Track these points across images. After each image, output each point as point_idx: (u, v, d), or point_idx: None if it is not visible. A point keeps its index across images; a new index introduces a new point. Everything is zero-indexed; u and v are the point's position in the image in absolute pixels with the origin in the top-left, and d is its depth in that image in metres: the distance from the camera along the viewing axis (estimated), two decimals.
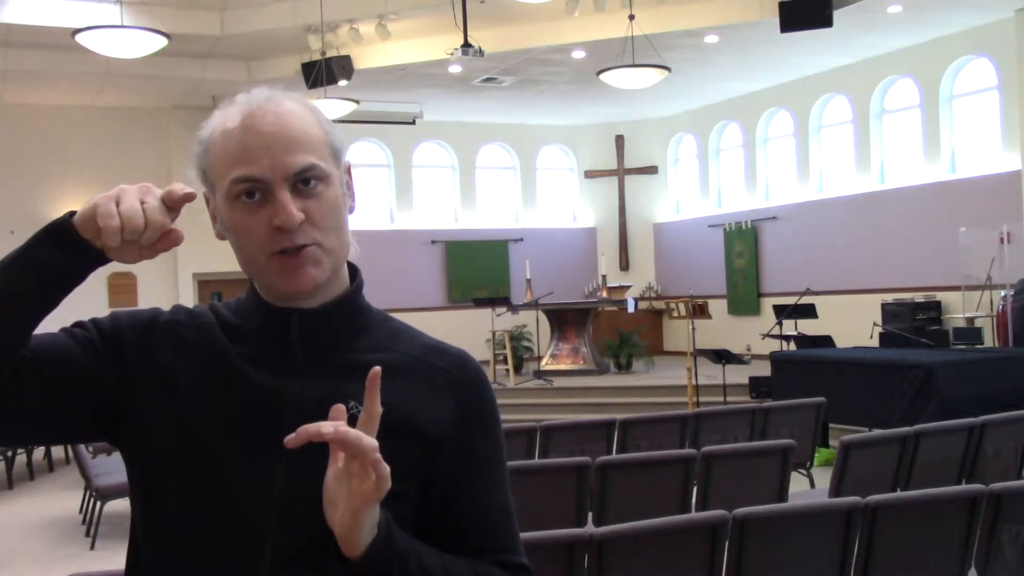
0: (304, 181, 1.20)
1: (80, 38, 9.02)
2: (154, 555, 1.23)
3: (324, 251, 1.21)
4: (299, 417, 1.12)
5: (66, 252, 1.13)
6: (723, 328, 14.13)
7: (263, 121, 1.20)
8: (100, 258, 1.14)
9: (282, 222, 1.17)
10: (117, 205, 1.09)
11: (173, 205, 1.13)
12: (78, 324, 1.27)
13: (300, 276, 1.20)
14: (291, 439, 1.03)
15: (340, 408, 1.07)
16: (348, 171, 1.30)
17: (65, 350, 1.21)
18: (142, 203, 1.11)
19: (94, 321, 1.27)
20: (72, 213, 1.13)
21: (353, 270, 1.32)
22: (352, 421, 1.09)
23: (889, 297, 12.12)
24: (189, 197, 1.14)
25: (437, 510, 1.24)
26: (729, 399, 9.45)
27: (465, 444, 1.26)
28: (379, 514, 1.10)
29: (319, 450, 1.09)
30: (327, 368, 1.24)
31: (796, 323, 11.21)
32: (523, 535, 1.37)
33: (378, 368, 1.09)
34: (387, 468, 1.05)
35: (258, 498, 1.17)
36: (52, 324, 1.20)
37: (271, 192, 1.18)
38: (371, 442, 1.05)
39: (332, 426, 1.04)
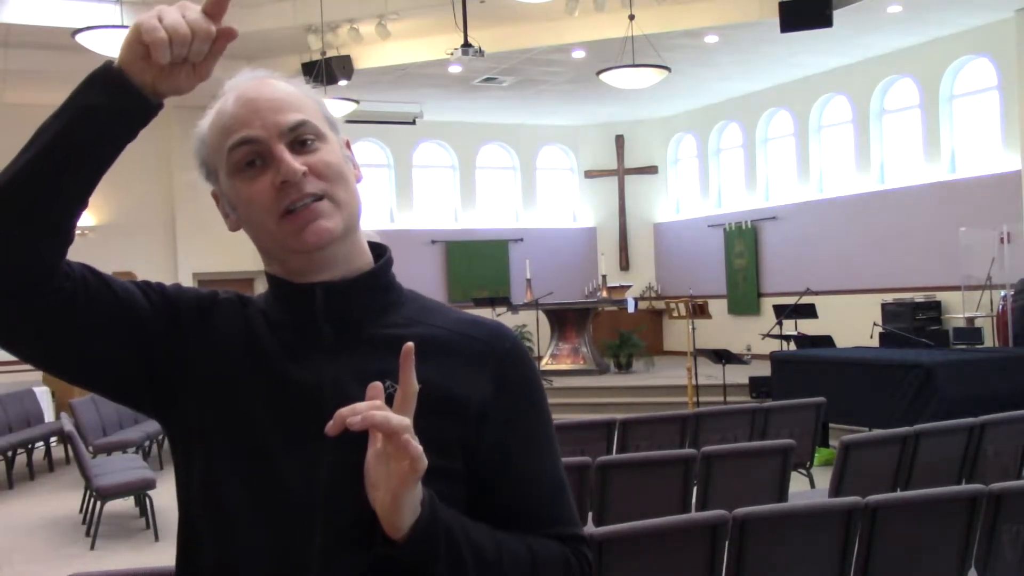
0: (301, 141, 1.19)
1: (80, 38, 9.01)
2: (209, 537, 1.21)
3: (334, 203, 1.19)
4: (337, 398, 1.12)
5: (116, 96, 1.11)
6: (723, 328, 14.13)
7: (250, 91, 1.22)
8: (152, 102, 1.13)
9: (285, 174, 1.16)
10: (160, 21, 1.06)
11: (213, 12, 1.09)
12: (144, 282, 1.26)
13: (314, 230, 1.17)
14: (331, 427, 1.03)
15: (376, 386, 1.06)
16: (348, 145, 1.28)
17: (127, 289, 1.21)
18: (183, 17, 1.07)
19: (159, 284, 1.27)
20: (111, 61, 1.11)
21: (381, 249, 1.31)
22: (389, 400, 1.08)
23: (889, 297, 12.12)
24: (231, 33, 1.11)
25: (486, 485, 1.22)
26: (729, 399, 9.45)
27: (508, 416, 1.23)
28: (422, 492, 1.08)
29: (359, 435, 1.09)
30: (358, 344, 1.21)
31: (796, 323, 11.21)
32: None
33: (411, 344, 1.07)
34: (419, 447, 1.04)
35: (306, 481, 1.16)
36: None
37: (269, 153, 1.18)
38: (400, 421, 1.03)
39: (366, 406, 1.03)
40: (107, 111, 1.11)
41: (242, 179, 1.19)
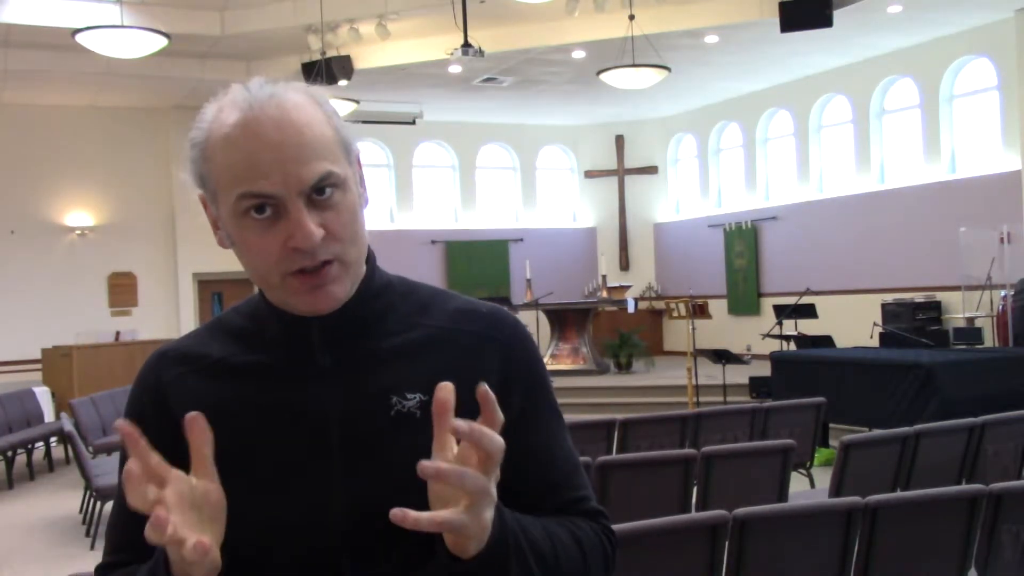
0: (319, 191, 1.09)
1: (80, 38, 9.01)
2: None
3: (345, 266, 1.12)
4: (343, 425, 1.12)
5: None
6: (723, 328, 14.13)
7: (268, 127, 1.08)
8: None
9: (300, 243, 1.07)
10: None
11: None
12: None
13: (321, 296, 1.11)
14: (426, 465, 0.96)
15: (447, 386, 0.99)
16: (358, 162, 1.19)
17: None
18: None
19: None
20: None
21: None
22: (399, 417, 1.11)
23: (889, 297, 12.12)
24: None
25: (505, 476, 1.16)
26: (729, 399, 9.45)
27: (516, 404, 1.19)
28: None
29: (373, 459, 1.10)
30: (357, 364, 1.17)
31: (796, 323, 11.21)
32: None
33: (483, 387, 1.00)
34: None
35: (319, 523, 1.12)
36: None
37: (284, 208, 1.08)
38: (500, 442, 0.99)
39: (467, 424, 0.97)
40: None
41: (248, 226, 1.10)
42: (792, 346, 10.78)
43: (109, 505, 6.61)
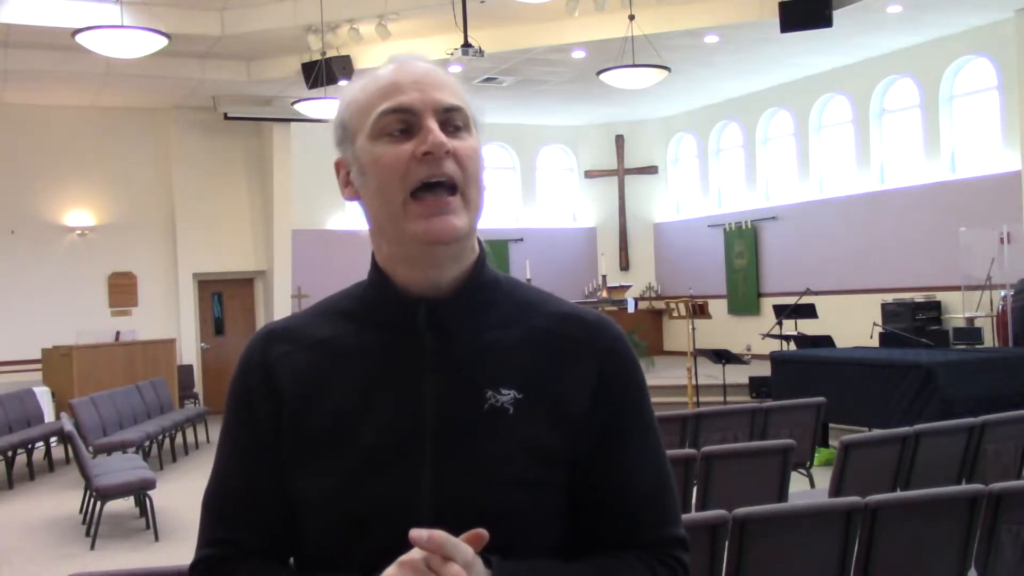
0: (453, 125, 1.19)
1: (80, 38, 9.01)
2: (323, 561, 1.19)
3: (466, 203, 1.18)
4: (438, 414, 1.14)
5: None
6: (723, 328, 14.12)
7: (413, 66, 1.21)
8: None
9: (430, 146, 1.15)
10: None
11: None
12: (251, 457, 1.22)
13: (441, 223, 1.15)
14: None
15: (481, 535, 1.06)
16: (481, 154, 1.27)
17: (270, 502, 1.20)
18: None
19: (252, 440, 1.21)
20: None
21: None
22: (492, 411, 1.12)
23: (889, 297, 12.12)
24: None
25: (586, 488, 1.19)
26: (729, 399, 9.45)
27: (609, 417, 1.20)
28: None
29: (463, 451, 1.11)
30: (458, 354, 1.18)
31: (796, 323, 11.21)
32: None
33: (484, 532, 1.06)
34: None
35: (407, 509, 1.13)
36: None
37: (419, 124, 1.17)
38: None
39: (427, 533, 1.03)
40: None
41: (384, 143, 1.17)
42: (792, 346, 10.78)
43: (109, 505, 6.63)
